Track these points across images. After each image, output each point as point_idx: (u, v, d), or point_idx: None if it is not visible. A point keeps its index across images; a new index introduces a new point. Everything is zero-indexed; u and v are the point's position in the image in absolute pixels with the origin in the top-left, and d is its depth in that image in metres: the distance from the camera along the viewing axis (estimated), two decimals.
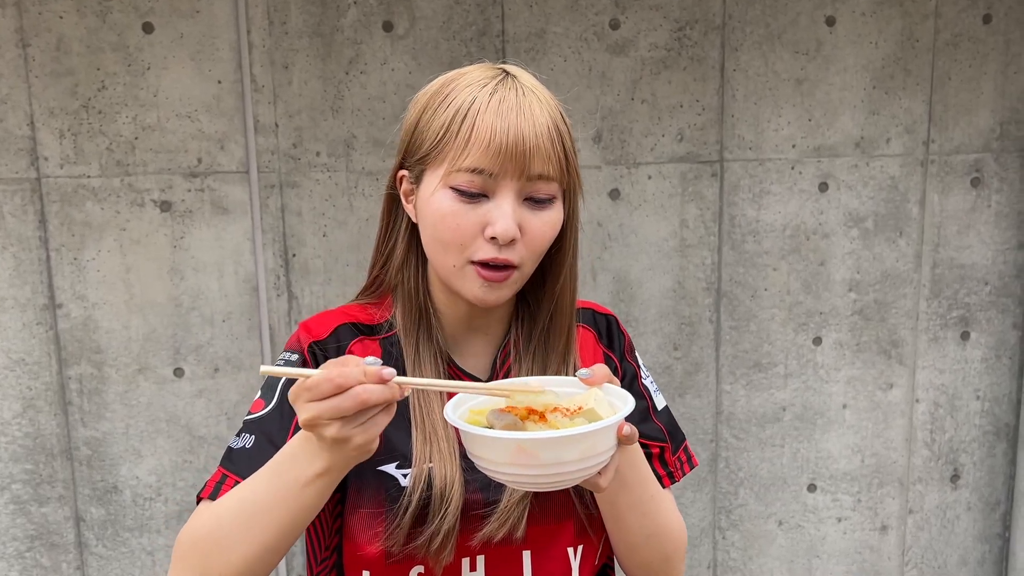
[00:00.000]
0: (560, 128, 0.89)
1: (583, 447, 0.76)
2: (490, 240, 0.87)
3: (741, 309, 2.36)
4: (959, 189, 2.38)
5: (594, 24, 2.18)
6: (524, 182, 0.87)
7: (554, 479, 0.78)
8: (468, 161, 0.85)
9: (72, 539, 2.22)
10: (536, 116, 0.86)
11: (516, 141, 0.85)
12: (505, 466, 0.77)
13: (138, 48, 2.05)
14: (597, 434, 0.76)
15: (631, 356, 1.08)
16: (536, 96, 0.88)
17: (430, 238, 0.91)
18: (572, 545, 0.98)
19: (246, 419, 0.94)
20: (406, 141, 0.93)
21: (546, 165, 0.87)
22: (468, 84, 0.88)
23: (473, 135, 0.85)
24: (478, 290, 0.90)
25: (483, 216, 0.87)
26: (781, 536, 2.51)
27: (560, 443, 0.75)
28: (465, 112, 0.86)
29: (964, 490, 2.56)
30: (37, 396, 2.14)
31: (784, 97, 2.28)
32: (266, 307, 2.17)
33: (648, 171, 2.27)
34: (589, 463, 0.78)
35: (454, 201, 0.87)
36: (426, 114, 0.90)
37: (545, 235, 0.90)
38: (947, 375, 2.48)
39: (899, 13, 2.27)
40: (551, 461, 0.75)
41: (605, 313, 1.09)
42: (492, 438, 0.76)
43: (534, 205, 0.89)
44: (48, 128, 2.05)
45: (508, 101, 0.86)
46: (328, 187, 2.16)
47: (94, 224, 2.10)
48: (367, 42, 2.11)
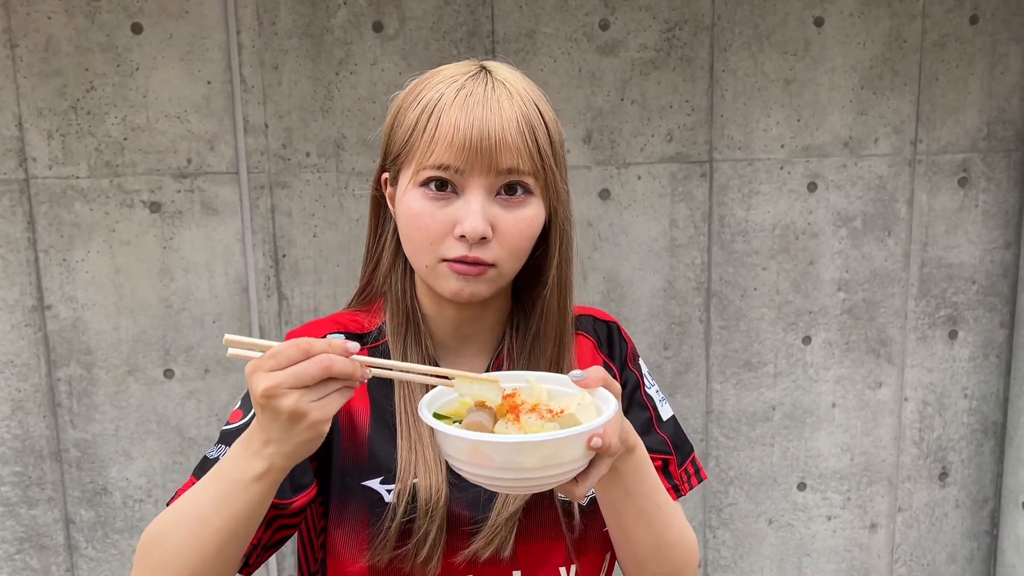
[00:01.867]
0: (532, 121, 0.86)
1: (541, 455, 0.73)
2: (460, 238, 0.85)
3: (731, 309, 2.37)
4: (947, 189, 2.40)
5: (584, 24, 2.19)
6: (494, 177, 0.84)
7: (515, 483, 0.75)
8: (433, 158, 0.84)
9: (62, 541, 2.21)
10: (504, 109, 0.84)
11: (481, 135, 0.82)
12: (466, 464, 0.75)
13: (127, 48, 2.04)
14: (557, 443, 0.73)
15: (634, 364, 1.04)
16: (507, 89, 0.86)
17: (405, 239, 0.90)
18: (564, 565, 0.95)
19: (223, 429, 0.91)
20: (384, 143, 0.92)
21: (516, 159, 0.84)
22: (439, 81, 0.87)
23: (438, 132, 0.83)
24: (453, 284, 0.87)
25: (453, 214, 0.85)
26: (771, 535, 2.52)
27: (514, 448, 0.72)
28: (432, 109, 0.85)
29: (952, 488, 2.58)
30: (26, 398, 2.14)
31: (773, 97, 2.29)
32: (256, 308, 2.17)
33: (638, 171, 2.27)
34: (552, 471, 0.74)
35: (423, 200, 0.85)
36: (400, 114, 0.90)
37: (521, 232, 0.87)
38: (935, 374, 2.50)
39: (887, 14, 2.28)
40: (506, 465, 0.73)
41: (607, 320, 1.05)
42: (451, 435, 0.74)
43: (507, 202, 0.86)
44: (36, 129, 2.05)
45: (475, 95, 0.84)
46: (318, 188, 2.16)
47: (83, 225, 2.10)
48: (357, 43, 2.11)
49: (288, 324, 2.19)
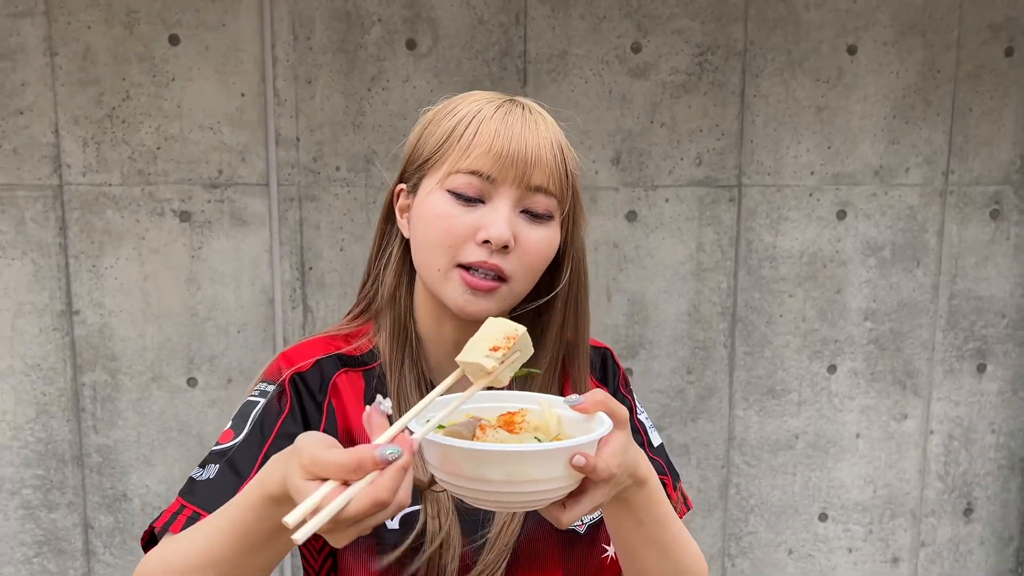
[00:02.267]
0: (564, 148, 0.88)
1: (506, 469, 0.69)
2: (482, 244, 0.84)
3: (756, 335, 2.36)
4: (978, 220, 2.37)
5: (616, 47, 2.19)
6: (523, 192, 0.85)
7: (487, 497, 0.71)
8: (468, 163, 0.84)
9: (80, 546, 2.22)
10: (540, 130, 0.86)
11: (519, 147, 0.84)
12: (440, 472, 0.72)
13: (163, 59, 2.07)
14: (523, 456, 0.69)
15: (625, 390, 1.04)
16: (543, 118, 0.88)
17: (420, 241, 0.88)
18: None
19: (212, 449, 0.88)
20: (408, 154, 0.92)
21: (547, 178, 0.85)
22: (475, 100, 0.88)
23: (477, 138, 0.84)
24: (460, 297, 0.86)
25: (478, 219, 0.85)
26: (791, 565, 2.48)
27: (477, 457, 0.69)
28: (471, 119, 0.86)
29: (977, 524, 2.53)
30: (51, 402, 2.15)
31: (804, 124, 2.28)
32: (281, 319, 2.18)
33: (666, 194, 2.27)
34: (524, 489, 0.70)
35: (449, 202, 0.85)
36: (430, 127, 0.90)
37: (540, 251, 0.87)
38: (962, 407, 2.46)
39: (921, 44, 2.27)
40: (474, 475, 0.69)
41: (598, 346, 1.05)
42: (426, 440, 0.71)
43: (531, 218, 0.86)
44: (72, 136, 2.07)
45: (514, 114, 0.86)
46: (347, 201, 2.17)
47: (113, 232, 2.12)
48: (390, 59, 2.13)
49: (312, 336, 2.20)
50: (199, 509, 0.83)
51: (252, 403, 0.91)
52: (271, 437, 0.87)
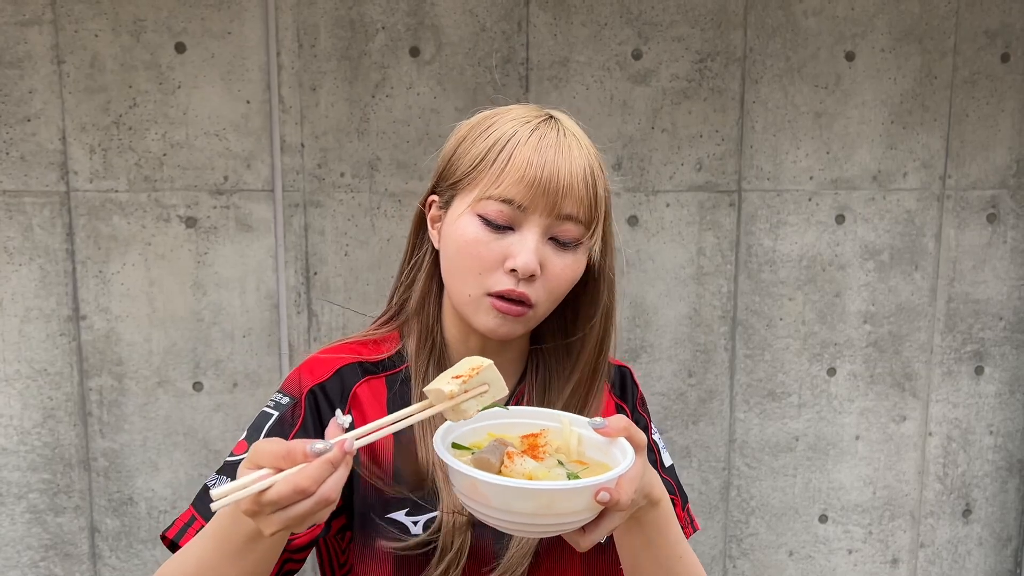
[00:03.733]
0: (596, 174, 0.88)
1: (537, 503, 0.71)
2: (510, 272, 0.86)
3: (756, 338, 2.38)
4: (975, 224, 2.40)
5: (617, 54, 2.22)
6: (552, 220, 0.86)
7: (513, 526, 0.74)
8: (500, 190, 0.85)
9: (86, 550, 2.23)
10: (574, 157, 0.86)
11: (551, 177, 0.84)
12: (469, 500, 0.74)
13: (170, 67, 2.09)
14: (554, 494, 0.71)
15: (643, 409, 1.06)
16: (577, 140, 0.88)
17: (450, 263, 0.90)
18: None
19: (227, 460, 0.90)
20: (441, 167, 0.93)
21: (577, 207, 0.86)
22: (512, 119, 0.88)
23: (509, 165, 0.85)
24: (491, 322, 0.88)
25: (506, 248, 0.86)
26: (791, 566, 2.50)
27: (509, 493, 0.71)
28: (504, 143, 0.86)
29: (976, 525, 2.56)
30: (58, 406, 2.17)
31: (803, 129, 2.30)
32: (286, 324, 2.20)
33: (666, 199, 2.29)
34: (550, 520, 0.73)
35: (480, 228, 0.86)
36: (465, 143, 0.90)
37: (565, 278, 0.89)
38: (960, 409, 2.49)
39: (918, 50, 2.30)
40: (502, 507, 0.72)
41: (619, 365, 1.07)
42: (453, 469, 0.73)
43: (558, 246, 0.88)
44: (79, 143, 2.09)
45: (548, 138, 0.86)
46: (351, 207, 2.19)
47: (120, 238, 2.13)
48: (394, 66, 2.15)
49: (317, 341, 2.22)
50: (204, 520, 0.86)
51: (267, 415, 0.93)
52: None
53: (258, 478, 0.66)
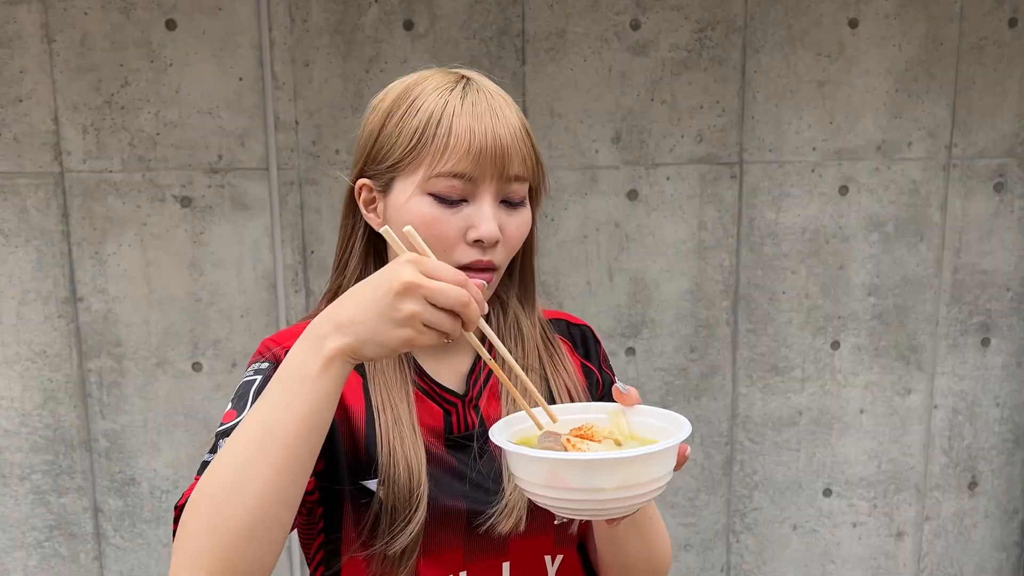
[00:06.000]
0: (528, 128, 0.90)
1: (624, 475, 0.70)
2: (474, 243, 0.86)
3: (759, 312, 2.35)
4: (981, 194, 2.36)
5: (615, 24, 2.18)
6: (502, 183, 0.87)
7: (591, 507, 0.73)
8: (448, 166, 0.84)
9: (90, 530, 2.25)
10: (508, 117, 0.86)
11: (494, 142, 0.84)
12: (543, 488, 0.73)
13: (161, 44, 2.06)
14: (643, 460, 0.70)
15: (607, 365, 1.07)
16: (502, 99, 0.88)
17: None
18: (550, 554, 0.96)
19: (218, 431, 0.88)
20: (368, 148, 0.91)
21: (522, 166, 0.87)
22: (434, 89, 0.87)
23: (451, 139, 0.84)
24: None
25: (465, 220, 0.86)
26: (796, 540, 2.49)
27: (597, 466, 0.70)
28: (439, 116, 0.85)
29: (982, 498, 2.54)
30: (58, 388, 2.17)
31: (805, 99, 2.26)
32: (284, 303, 2.19)
33: (667, 172, 2.26)
34: (629, 493, 0.71)
35: (434, 207, 0.86)
36: (391, 120, 0.88)
37: (521, 235, 0.91)
38: (966, 381, 2.46)
39: (923, 16, 2.25)
40: (585, 486, 0.70)
41: (580, 324, 1.07)
42: (528, 457, 0.72)
43: (509, 207, 0.89)
44: (72, 123, 2.07)
45: (480, 104, 0.85)
46: (347, 184, 2.16)
47: (115, 218, 2.12)
48: (387, 40, 2.12)
49: None
50: None
51: (250, 382, 0.92)
52: None
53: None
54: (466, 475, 0.93)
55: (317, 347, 0.74)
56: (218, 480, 0.75)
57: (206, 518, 0.74)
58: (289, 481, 0.75)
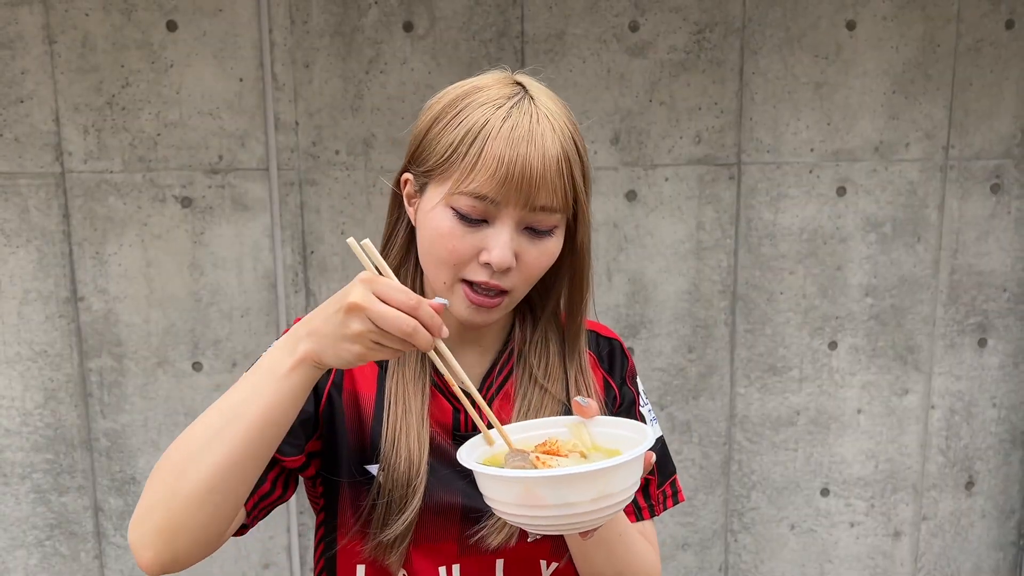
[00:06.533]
0: (571, 157, 0.87)
1: (598, 487, 0.71)
2: (484, 265, 0.87)
3: (757, 312, 2.36)
4: (978, 195, 2.37)
5: (613, 26, 2.19)
6: (526, 212, 0.85)
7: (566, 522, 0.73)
8: (472, 186, 0.84)
9: (91, 528, 2.25)
10: (547, 146, 0.84)
11: (523, 172, 0.83)
12: (516, 507, 0.73)
13: (162, 46, 2.07)
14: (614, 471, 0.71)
15: (631, 382, 1.06)
16: (551, 123, 0.86)
17: (426, 252, 0.91)
18: (546, 559, 0.97)
19: None
20: (414, 146, 0.92)
21: (551, 197, 0.85)
22: (483, 103, 0.86)
23: (480, 160, 0.83)
24: (465, 311, 0.89)
25: (481, 241, 0.86)
26: (793, 540, 2.51)
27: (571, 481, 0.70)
28: (476, 134, 0.84)
29: (979, 497, 2.55)
30: (59, 387, 2.18)
31: (803, 101, 2.27)
32: (284, 303, 2.20)
33: (665, 173, 2.27)
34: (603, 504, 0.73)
35: (453, 221, 0.86)
36: (437, 125, 0.88)
37: (541, 265, 0.90)
38: (963, 382, 2.47)
39: (920, 18, 2.26)
40: (560, 502, 0.71)
41: (610, 337, 1.07)
42: (503, 478, 0.72)
43: (533, 235, 0.88)
44: (73, 124, 2.08)
45: (521, 128, 0.84)
46: (347, 185, 2.18)
47: (116, 219, 2.13)
48: (387, 42, 2.13)
49: None
50: None
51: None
52: None
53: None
54: (466, 472, 0.94)
55: (291, 348, 0.79)
56: (183, 448, 0.81)
57: (164, 480, 0.81)
58: (245, 459, 0.80)
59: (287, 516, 2.29)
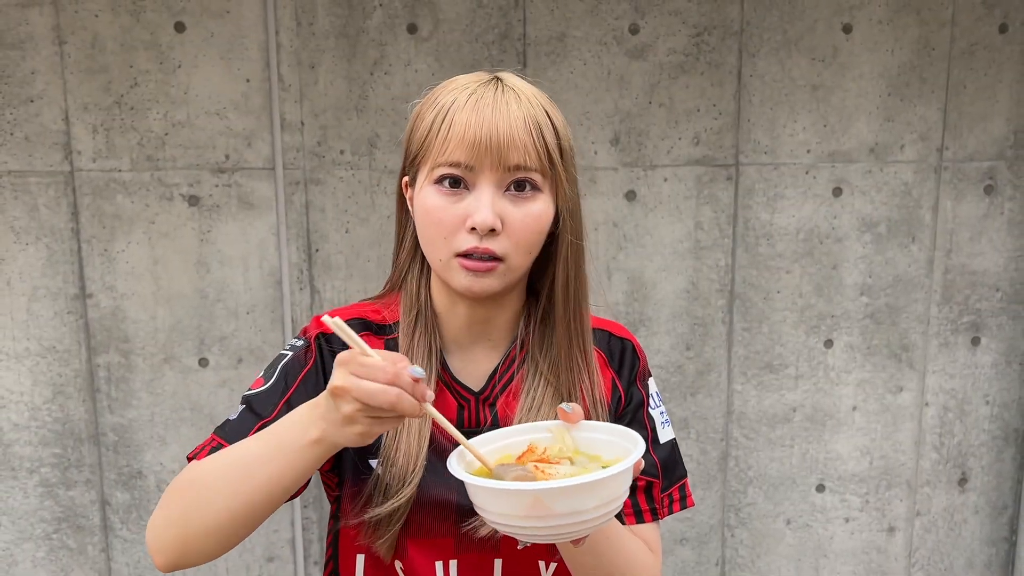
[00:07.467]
0: (539, 121, 0.92)
1: (604, 494, 0.72)
2: (471, 231, 0.90)
3: (754, 311, 2.40)
4: (972, 196, 2.41)
5: (614, 29, 2.23)
6: (503, 173, 0.90)
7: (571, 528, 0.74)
8: (447, 156, 0.90)
9: (98, 522, 2.29)
10: (512, 111, 0.90)
11: (490, 133, 0.89)
12: (521, 519, 0.73)
13: (170, 47, 2.11)
14: (618, 479, 0.72)
15: (642, 383, 1.07)
16: (515, 94, 0.92)
17: (421, 235, 0.96)
18: (545, 560, 1.00)
19: (244, 394, 0.99)
20: (404, 148, 0.99)
21: (523, 155, 0.90)
22: (453, 88, 0.93)
23: (451, 132, 0.90)
24: (464, 280, 0.92)
25: (464, 208, 0.91)
26: (789, 535, 2.54)
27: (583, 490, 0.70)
28: (445, 112, 0.91)
29: (972, 494, 2.59)
30: (67, 383, 2.21)
31: (800, 103, 2.31)
32: (289, 300, 2.23)
33: (664, 173, 2.31)
34: (604, 510, 0.74)
35: (438, 195, 0.92)
36: (416, 122, 0.96)
37: (528, 226, 0.92)
38: (957, 380, 2.51)
39: (916, 21, 2.30)
40: (568, 510, 0.71)
41: (623, 336, 1.08)
42: (511, 491, 0.72)
43: (515, 197, 0.92)
44: (82, 123, 2.12)
45: (485, 99, 0.91)
46: (351, 184, 2.21)
47: (124, 217, 2.17)
48: (391, 44, 2.17)
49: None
50: (223, 442, 0.94)
51: (282, 355, 1.01)
52: (294, 385, 0.97)
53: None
54: None
55: (312, 423, 0.81)
56: (202, 479, 0.87)
57: (180, 503, 0.87)
58: (255, 510, 0.85)
59: (291, 510, 2.33)
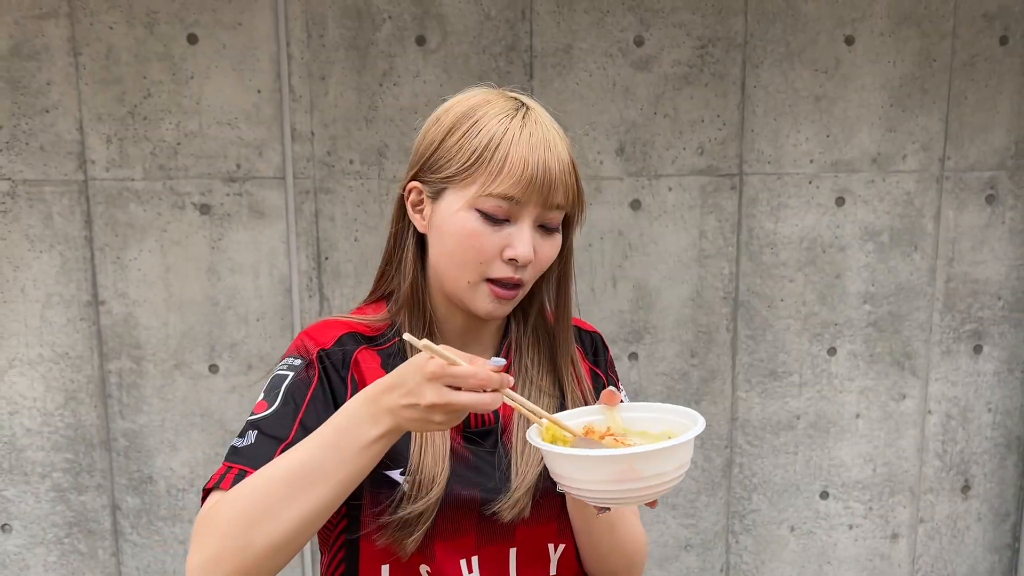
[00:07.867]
0: (575, 162, 0.98)
1: (682, 457, 0.81)
2: (508, 261, 0.95)
3: (758, 319, 2.43)
4: (974, 205, 2.44)
5: (619, 40, 2.26)
6: (543, 210, 0.95)
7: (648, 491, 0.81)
8: (500, 188, 0.92)
9: (108, 527, 2.31)
10: (559, 152, 0.95)
11: (544, 173, 0.93)
12: (607, 484, 0.80)
13: (183, 58, 2.14)
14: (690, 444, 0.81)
15: (612, 371, 1.16)
16: (555, 133, 0.97)
17: (447, 253, 0.97)
18: (553, 542, 1.04)
19: (249, 419, 0.97)
20: (426, 156, 0.97)
21: (565, 197, 0.96)
22: (496, 114, 0.94)
23: (507, 164, 0.92)
24: (489, 305, 0.97)
25: (504, 239, 0.94)
26: (793, 542, 2.56)
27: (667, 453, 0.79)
28: (499, 141, 0.93)
29: (975, 501, 2.61)
30: (79, 389, 2.24)
31: (803, 113, 2.34)
32: (299, 308, 2.26)
33: (669, 183, 2.34)
34: (677, 475, 0.82)
35: (479, 222, 0.93)
36: (453, 136, 0.95)
37: (549, 258, 0.99)
38: (959, 387, 2.53)
39: (917, 33, 2.33)
40: (653, 473, 0.80)
41: (590, 331, 1.16)
42: (602, 457, 0.80)
43: (545, 232, 0.97)
44: (96, 133, 2.15)
45: (536, 135, 0.94)
46: (360, 194, 2.24)
47: (137, 225, 2.20)
48: (400, 55, 2.20)
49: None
50: (245, 467, 0.91)
51: (282, 376, 0.99)
52: (304, 405, 0.95)
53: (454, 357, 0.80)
54: (480, 467, 1.00)
55: (375, 419, 0.83)
56: (256, 500, 0.85)
57: (235, 531, 0.84)
58: (325, 513, 0.86)
59: None
